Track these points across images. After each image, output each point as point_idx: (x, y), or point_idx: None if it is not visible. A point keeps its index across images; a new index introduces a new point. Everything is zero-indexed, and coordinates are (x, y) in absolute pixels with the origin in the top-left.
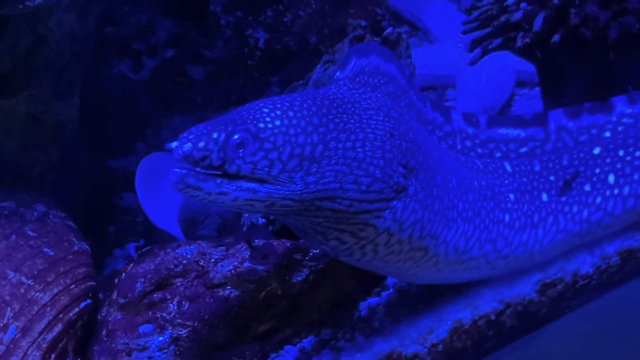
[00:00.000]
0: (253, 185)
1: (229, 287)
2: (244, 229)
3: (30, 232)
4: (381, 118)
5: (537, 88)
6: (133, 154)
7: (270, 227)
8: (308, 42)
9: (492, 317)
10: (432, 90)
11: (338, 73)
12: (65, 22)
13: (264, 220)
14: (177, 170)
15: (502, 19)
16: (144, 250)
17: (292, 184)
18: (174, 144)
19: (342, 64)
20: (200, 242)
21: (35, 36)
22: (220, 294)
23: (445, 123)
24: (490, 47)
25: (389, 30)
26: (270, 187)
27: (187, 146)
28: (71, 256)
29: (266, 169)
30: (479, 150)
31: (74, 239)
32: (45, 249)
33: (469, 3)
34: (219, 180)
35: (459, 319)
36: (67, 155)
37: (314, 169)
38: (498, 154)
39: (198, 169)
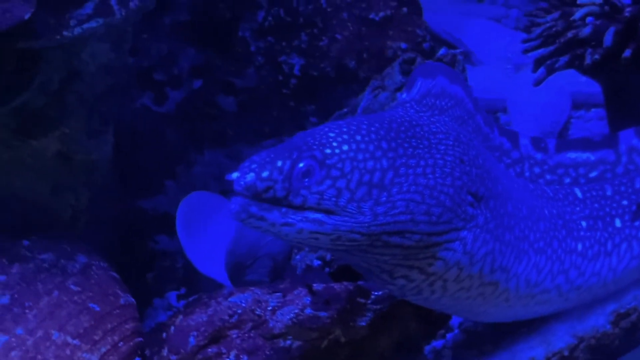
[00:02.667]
0: (320, 216)
1: (290, 338)
2: (298, 272)
3: (73, 287)
4: (451, 143)
5: (593, 110)
6: (163, 193)
7: (327, 269)
8: (346, 68)
9: (566, 353)
10: None
11: (404, 95)
12: (100, 54)
13: (319, 262)
14: (240, 198)
15: (569, 35)
16: (190, 299)
17: (360, 215)
18: (235, 175)
19: (408, 85)
20: (253, 288)
21: (69, 70)
22: (281, 345)
23: (513, 149)
24: (556, 65)
25: (442, 51)
26: (338, 219)
27: (250, 176)
28: (117, 311)
29: (333, 198)
30: (548, 177)
31: (119, 292)
32: (90, 304)
33: (512, 22)
34: (284, 210)
35: (532, 357)
36: (97, 197)
37: (384, 198)
38: (567, 180)
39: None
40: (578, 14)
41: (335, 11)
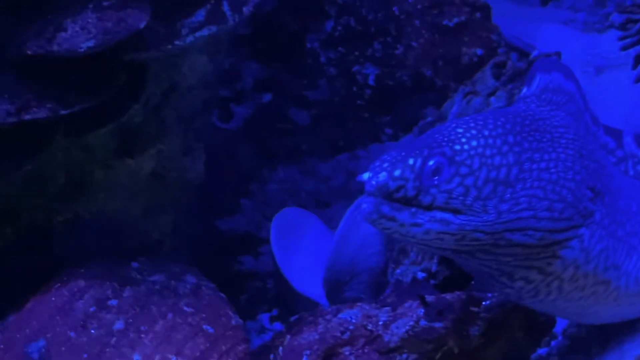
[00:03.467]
0: (447, 215)
1: (405, 351)
2: (405, 286)
3: (186, 308)
4: (571, 137)
5: None
6: (240, 213)
7: (432, 281)
8: (424, 76)
9: None
10: None
11: (525, 90)
12: (198, 66)
13: (424, 274)
14: (371, 198)
15: None
16: (292, 319)
17: (484, 214)
18: (366, 175)
19: (528, 80)
20: (360, 304)
21: (169, 83)
22: (397, 359)
23: (618, 148)
24: None
25: (535, 53)
26: (463, 218)
27: (382, 175)
28: (230, 332)
29: (461, 197)
30: None
31: (230, 312)
32: (204, 326)
33: (580, 25)
34: (413, 210)
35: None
36: (182, 217)
37: (508, 195)
38: None
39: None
40: None
41: (407, 18)
